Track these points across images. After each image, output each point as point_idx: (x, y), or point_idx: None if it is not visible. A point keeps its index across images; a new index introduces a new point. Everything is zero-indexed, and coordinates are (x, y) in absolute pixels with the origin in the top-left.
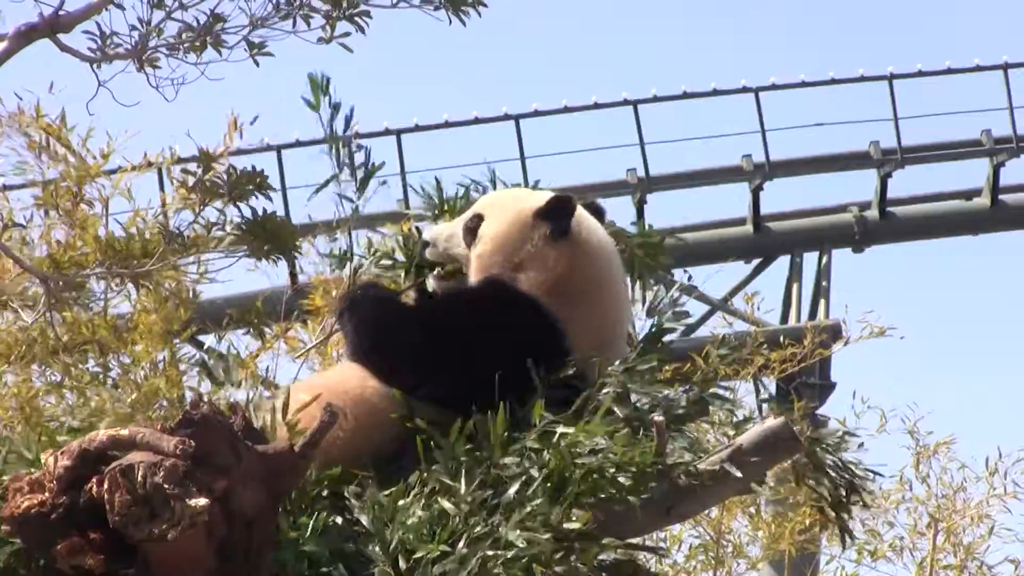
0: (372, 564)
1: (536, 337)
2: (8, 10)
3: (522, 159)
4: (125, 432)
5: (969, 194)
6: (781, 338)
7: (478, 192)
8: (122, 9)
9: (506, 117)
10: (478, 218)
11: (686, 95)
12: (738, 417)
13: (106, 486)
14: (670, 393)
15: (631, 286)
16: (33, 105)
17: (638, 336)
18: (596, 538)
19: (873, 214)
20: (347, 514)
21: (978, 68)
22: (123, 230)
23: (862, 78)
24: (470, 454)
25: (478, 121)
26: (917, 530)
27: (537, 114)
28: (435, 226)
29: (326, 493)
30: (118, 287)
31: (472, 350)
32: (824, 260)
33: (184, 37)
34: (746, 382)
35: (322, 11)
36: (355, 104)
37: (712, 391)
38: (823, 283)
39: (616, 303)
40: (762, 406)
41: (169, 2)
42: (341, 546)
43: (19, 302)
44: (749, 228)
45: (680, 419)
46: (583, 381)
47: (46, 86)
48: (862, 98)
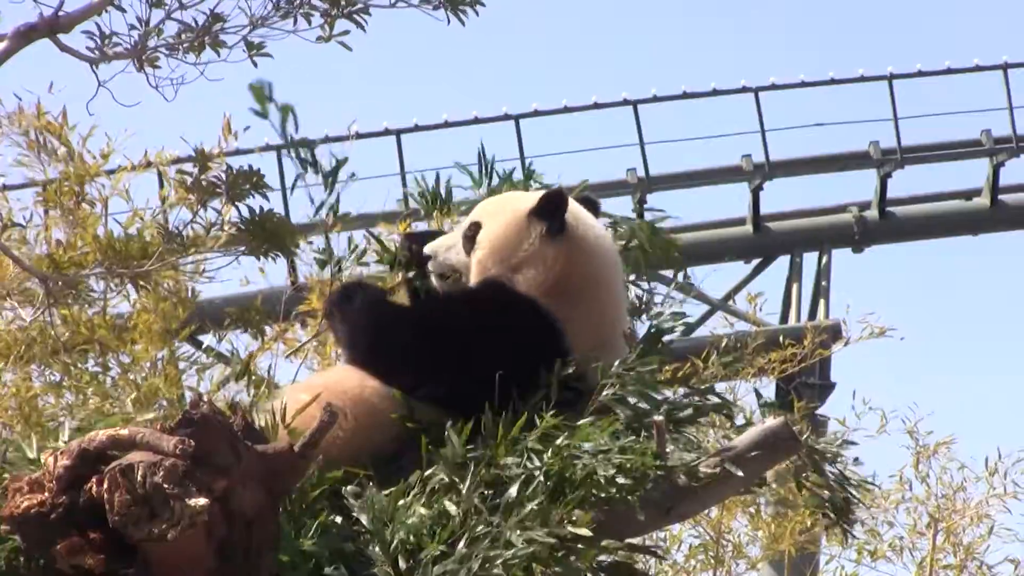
0: (372, 564)
1: (535, 337)
2: (8, 10)
3: (522, 159)
4: (125, 432)
5: (969, 194)
6: (781, 338)
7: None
8: (122, 11)
9: (506, 117)
10: (476, 226)
11: (686, 95)
12: (738, 419)
13: (106, 486)
14: (670, 395)
15: (641, 280)
16: (33, 104)
17: (638, 335)
18: (596, 539)
19: (873, 214)
20: (347, 514)
21: (978, 68)
22: (122, 230)
23: (862, 78)
24: (470, 454)
25: (478, 121)
26: (917, 530)
27: (537, 114)
28: (435, 240)
29: (326, 493)
30: (117, 287)
31: (471, 350)
32: (824, 260)
33: (183, 37)
34: (746, 382)
35: (321, 9)
36: (351, 104)
37: (711, 395)
38: (823, 283)
39: (615, 301)
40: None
41: (169, 1)
42: (341, 546)
43: (17, 299)
44: (749, 228)
45: (680, 421)
46: (583, 381)
47: (46, 86)
48: (862, 98)
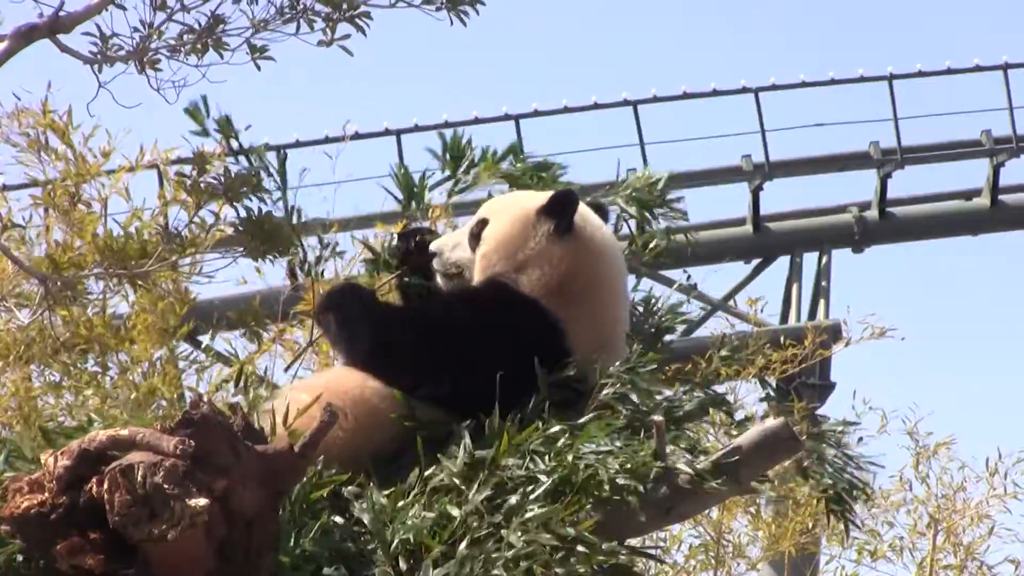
0: (372, 564)
1: (536, 337)
2: (8, 10)
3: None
4: (125, 432)
5: (969, 194)
6: (781, 338)
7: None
8: (123, 9)
9: (506, 117)
10: (483, 222)
11: (686, 95)
12: (738, 418)
13: (106, 486)
14: (671, 394)
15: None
16: (34, 103)
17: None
18: (597, 542)
19: (873, 214)
20: (347, 514)
21: (978, 68)
22: (121, 229)
23: (862, 78)
24: (471, 455)
25: (478, 121)
26: (917, 530)
27: (537, 114)
28: (441, 238)
29: (326, 493)
30: (115, 287)
31: (471, 350)
32: (824, 260)
33: (185, 39)
34: (747, 382)
35: (323, 14)
36: (352, 104)
37: (712, 393)
38: (823, 283)
39: (618, 303)
40: (766, 403)
41: (171, 3)
42: (341, 546)
43: (14, 301)
44: (749, 228)
45: (681, 420)
46: (583, 382)
47: (46, 87)
48: (862, 98)
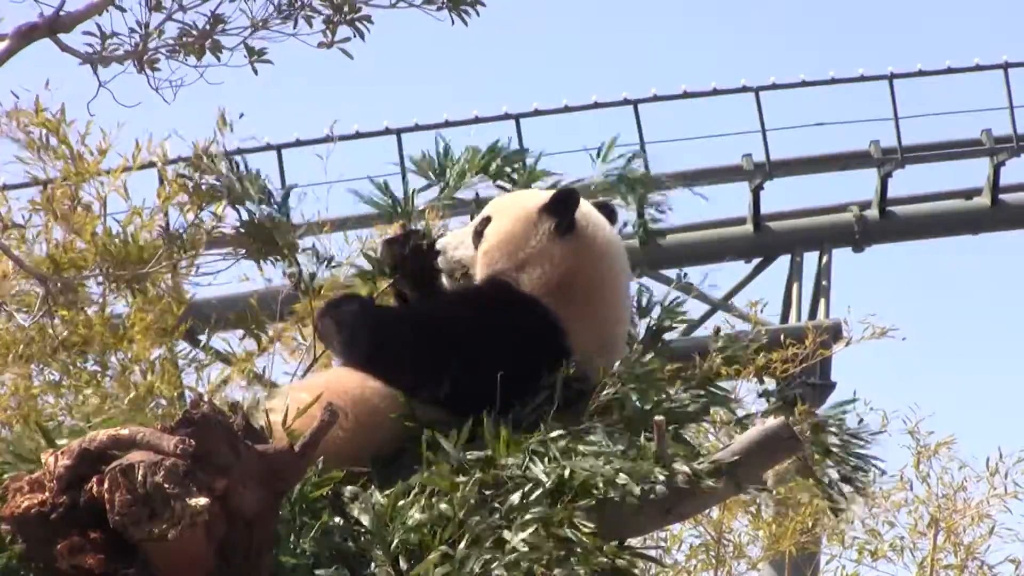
0: (372, 564)
1: (536, 336)
2: (8, 10)
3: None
4: (125, 432)
5: (969, 194)
6: (782, 338)
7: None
8: (122, 10)
9: (506, 116)
10: (486, 220)
11: (686, 95)
12: (738, 416)
13: (106, 485)
14: (672, 393)
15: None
16: (31, 103)
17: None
18: (598, 544)
19: (873, 214)
20: (347, 514)
21: (978, 68)
22: (120, 228)
23: (862, 78)
24: (471, 455)
25: (478, 120)
26: (918, 530)
27: (537, 113)
28: (445, 237)
29: (326, 493)
30: (116, 290)
31: (472, 349)
32: (824, 260)
33: (183, 40)
34: (747, 382)
35: (323, 15)
36: (352, 104)
37: (712, 389)
38: (823, 283)
39: (619, 302)
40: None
41: (169, 4)
42: (341, 546)
43: (14, 306)
44: (749, 228)
45: (681, 420)
46: (584, 381)
47: (44, 84)
48: (862, 98)
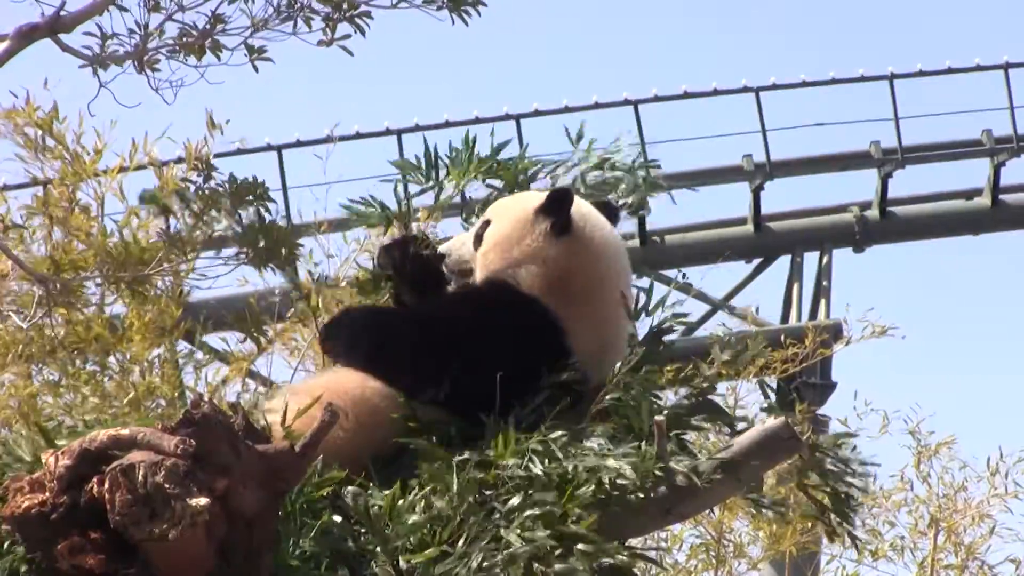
0: (372, 564)
1: (536, 336)
2: (9, 10)
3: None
4: (126, 432)
5: (970, 194)
6: (782, 338)
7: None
8: (123, 11)
9: (507, 117)
10: (486, 223)
11: (686, 95)
12: (740, 428)
13: (107, 486)
14: (672, 398)
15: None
16: (27, 101)
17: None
18: (597, 541)
19: (873, 214)
20: (347, 514)
21: (978, 68)
22: (118, 229)
23: (862, 78)
24: (470, 455)
25: (478, 121)
26: (918, 530)
27: (538, 114)
28: (451, 239)
29: (326, 493)
30: (115, 292)
31: (472, 349)
32: (825, 260)
33: (183, 41)
34: (747, 382)
35: (322, 13)
36: (352, 104)
37: (712, 403)
38: (824, 283)
39: (618, 302)
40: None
41: (169, 5)
42: (341, 546)
43: (14, 308)
44: (750, 228)
45: (681, 422)
46: (584, 382)
47: (49, 88)
48: (862, 98)
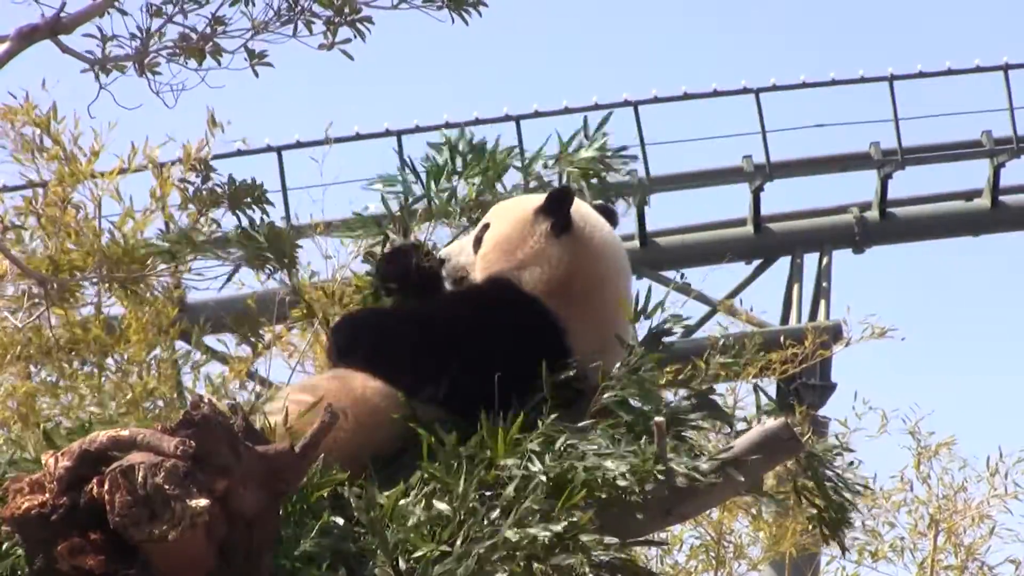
0: (372, 564)
1: (536, 336)
2: (9, 10)
3: (523, 159)
4: (125, 433)
5: (969, 195)
6: (782, 339)
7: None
8: (124, 13)
9: (507, 118)
10: (486, 227)
11: (686, 95)
12: (740, 428)
13: (107, 487)
14: (672, 399)
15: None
16: (27, 103)
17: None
18: (595, 535)
19: (873, 215)
20: (347, 514)
21: (978, 69)
22: (115, 229)
23: (862, 79)
24: (470, 454)
25: (478, 121)
26: (918, 530)
27: (538, 114)
28: (450, 244)
29: (326, 493)
30: (110, 292)
31: (472, 348)
32: (824, 261)
33: (183, 44)
34: (747, 383)
35: (323, 17)
36: (352, 105)
37: (712, 403)
38: (823, 284)
39: (618, 302)
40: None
41: (168, 8)
42: (341, 546)
43: (8, 308)
44: (750, 229)
45: (681, 423)
46: (583, 381)
47: (48, 88)
48: (862, 99)
